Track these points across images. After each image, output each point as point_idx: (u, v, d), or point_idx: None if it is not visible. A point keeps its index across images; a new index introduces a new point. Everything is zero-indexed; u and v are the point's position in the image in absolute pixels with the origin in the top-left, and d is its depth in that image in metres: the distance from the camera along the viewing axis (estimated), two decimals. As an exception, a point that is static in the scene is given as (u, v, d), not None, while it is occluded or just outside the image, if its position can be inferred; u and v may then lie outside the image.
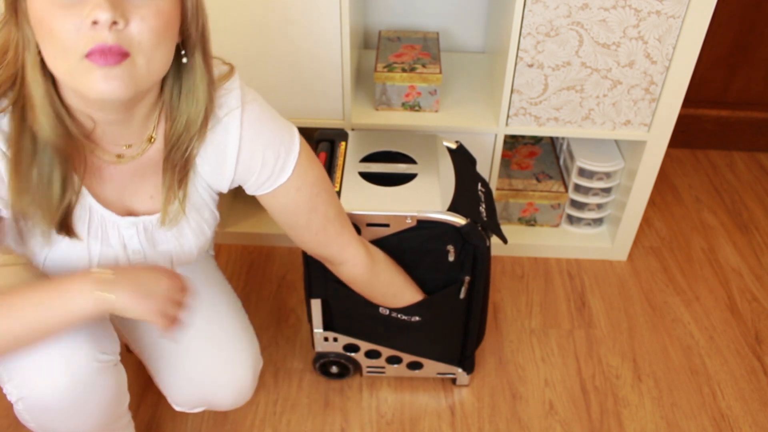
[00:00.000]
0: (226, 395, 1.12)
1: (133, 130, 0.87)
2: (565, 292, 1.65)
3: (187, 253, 1.00)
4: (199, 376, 1.11)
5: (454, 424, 1.35)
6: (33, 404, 0.89)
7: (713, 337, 1.55)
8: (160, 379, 1.14)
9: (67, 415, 0.92)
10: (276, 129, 0.93)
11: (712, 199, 1.97)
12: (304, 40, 1.40)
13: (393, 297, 1.18)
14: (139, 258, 0.96)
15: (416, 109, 1.55)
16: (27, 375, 0.88)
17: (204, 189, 0.96)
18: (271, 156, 0.92)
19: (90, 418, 0.95)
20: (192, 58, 0.83)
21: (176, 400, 1.15)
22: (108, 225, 0.92)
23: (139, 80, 0.76)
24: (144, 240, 0.95)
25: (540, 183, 1.70)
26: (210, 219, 1.01)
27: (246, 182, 0.95)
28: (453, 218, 1.12)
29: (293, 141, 0.94)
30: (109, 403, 0.98)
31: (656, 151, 1.52)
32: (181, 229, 0.96)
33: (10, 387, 0.90)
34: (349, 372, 1.39)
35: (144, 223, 0.94)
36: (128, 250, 0.95)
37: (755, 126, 2.10)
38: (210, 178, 0.95)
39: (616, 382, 1.44)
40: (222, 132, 0.89)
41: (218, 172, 0.93)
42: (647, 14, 1.32)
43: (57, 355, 0.88)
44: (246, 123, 0.90)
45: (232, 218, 1.76)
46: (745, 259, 1.76)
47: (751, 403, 1.41)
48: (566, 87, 1.44)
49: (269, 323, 1.54)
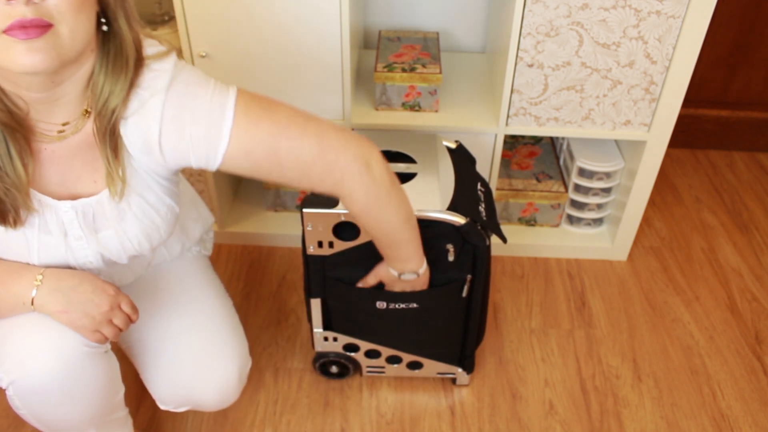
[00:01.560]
0: (210, 395, 1.10)
1: (68, 108, 0.85)
2: (565, 292, 1.65)
3: (133, 241, 0.95)
4: (183, 375, 1.08)
5: (454, 424, 1.35)
6: (24, 387, 0.90)
7: (713, 337, 1.55)
8: (145, 377, 1.13)
9: (58, 399, 0.92)
10: (202, 105, 0.87)
11: (712, 199, 1.97)
12: (304, 40, 1.40)
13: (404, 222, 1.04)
14: (82, 245, 0.92)
15: (416, 109, 1.55)
16: (17, 358, 0.89)
17: (145, 172, 0.92)
18: (199, 132, 0.87)
19: (81, 405, 0.96)
20: (115, 24, 0.83)
21: (161, 399, 1.12)
22: (46, 211, 0.89)
23: (63, 50, 0.75)
24: (84, 225, 0.91)
25: (540, 183, 1.70)
26: (158, 204, 0.95)
27: (188, 163, 0.90)
28: (452, 217, 1.12)
29: (224, 110, 0.87)
30: (101, 390, 0.98)
31: (656, 151, 1.52)
32: (122, 212, 0.92)
33: (1, 372, 0.90)
34: (349, 372, 1.39)
35: (83, 206, 0.90)
36: (69, 237, 0.91)
37: (755, 126, 2.10)
38: (145, 162, 0.90)
39: (616, 382, 1.44)
40: (146, 116, 0.86)
41: (149, 157, 0.89)
42: (647, 14, 1.32)
43: (47, 339, 0.90)
44: (167, 106, 0.86)
45: (232, 218, 1.76)
46: (745, 259, 1.76)
47: (751, 403, 1.41)
48: (566, 87, 1.44)
49: (269, 323, 1.54)
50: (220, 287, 1.22)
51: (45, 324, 0.91)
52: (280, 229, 1.74)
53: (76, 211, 0.91)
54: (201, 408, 1.13)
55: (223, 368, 1.10)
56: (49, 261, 0.92)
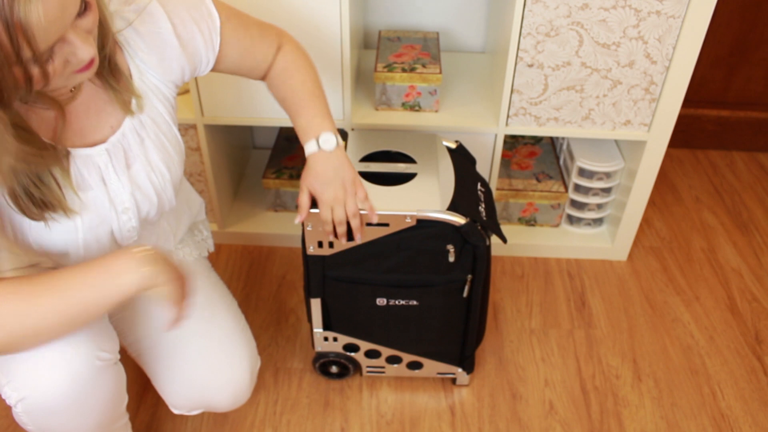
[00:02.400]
0: (224, 396, 1.12)
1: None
2: (565, 292, 1.65)
3: (157, 172, 0.98)
4: (196, 378, 1.10)
5: (454, 424, 1.35)
6: (33, 405, 0.89)
7: (713, 337, 1.55)
8: (157, 383, 1.14)
9: (68, 415, 0.92)
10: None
11: (712, 199, 1.97)
12: (304, 40, 1.39)
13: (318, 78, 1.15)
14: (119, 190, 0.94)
15: (416, 109, 1.55)
16: (27, 375, 0.88)
17: (150, 91, 0.97)
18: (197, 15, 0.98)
19: (90, 418, 0.95)
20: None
21: (174, 403, 1.14)
22: (81, 165, 0.91)
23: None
24: (117, 165, 0.93)
25: (540, 183, 1.70)
26: (167, 130, 1.00)
27: (198, 51, 0.99)
28: (453, 217, 1.12)
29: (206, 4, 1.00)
30: (109, 402, 0.98)
31: (656, 151, 1.52)
32: (142, 140, 0.96)
33: (9, 390, 0.89)
34: (349, 372, 1.39)
35: (112, 145, 0.93)
36: (108, 186, 0.93)
37: (755, 126, 2.10)
38: (160, 69, 0.96)
39: (616, 382, 1.44)
40: (149, 21, 0.93)
41: (166, 57, 0.96)
42: (647, 14, 1.32)
43: (57, 354, 0.88)
44: (169, 9, 0.95)
45: (232, 218, 1.76)
46: (745, 259, 1.76)
47: (751, 403, 1.41)
48: (566, 87, 1.44)
49: (269, 323, 1.54)
50: (224, 289, 1.23)
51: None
52: (280, 229, 1.74)
53: (108, 151, 0.93)
54: (214, 409, 1.15)
55: (235, 369, 1.11)
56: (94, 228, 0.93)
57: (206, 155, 1.55)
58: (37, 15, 0.68)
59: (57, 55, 0.74)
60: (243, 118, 1.51)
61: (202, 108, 1.49)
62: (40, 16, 0.68)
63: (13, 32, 0.67)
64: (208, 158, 1.56)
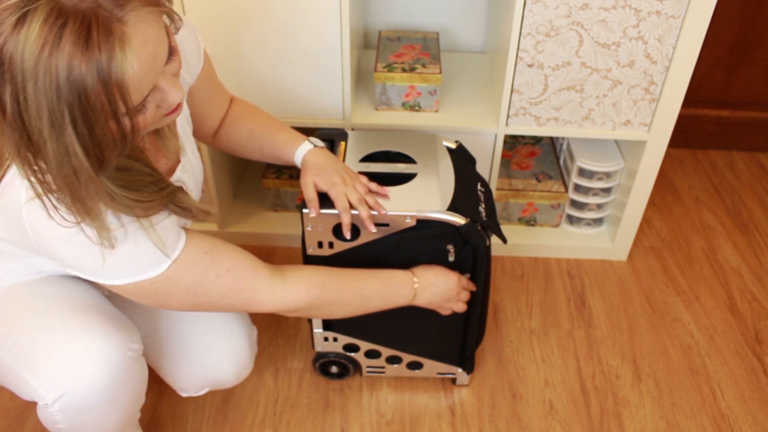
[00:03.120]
0: (228, 368, 1.15)
1: None
2: (565, 292, 1.65)
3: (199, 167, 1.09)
4: (201, 359, 1.13)
5: (454, 424, 1.35)
6: (72, 401, 0.89)
7: (713, 337, 1.55)
8: (163, 369, 1.16)
9: (103, 408, 0.93)
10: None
11: (712, 199, 1.97)
12: (304, 40, 1.40)
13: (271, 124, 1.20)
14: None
15: (416, 109, 1.54)
16: (63, 373, 0.89)
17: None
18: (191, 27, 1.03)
19: (121, 411, 0.96)
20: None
21: (182, 386, 1.17)
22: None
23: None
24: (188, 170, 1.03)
25: (540, 183, 1.70)
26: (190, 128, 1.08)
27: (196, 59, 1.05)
28: (452, 218, 1.12)
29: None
30: (138, 394, 1.00)
31: (656, 151, 1.52)
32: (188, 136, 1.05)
33: (44, 390, 0.89)
34: (349, 372, 1.39)
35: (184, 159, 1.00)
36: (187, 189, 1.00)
37: (755, 126, 2.10)
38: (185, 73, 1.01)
39: (616, 382, 1.44)
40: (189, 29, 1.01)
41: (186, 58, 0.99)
42: (647, 14, 1.32)
43: (91, 348, 0.90)
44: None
45: (232, 218, 1.76)
46: (745, 259, 1.76)
47: (751, 403, 1.41)
48: (566, 87, 1.44)
49: (269, 323, 1.54)
50: None
51: (84, 332, 0.91)
52: (280, 229, 1.74)
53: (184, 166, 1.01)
54: (220, 385, 1.19)
55: (234, 340, 1.15)
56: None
57: (206, 155, 1.55)
58: (132, 70, 0.68)
59: (150, 103, 0.75)
60: (243, 118, 1.51)
61: (202, 108, 1.49)
62: (135, 70, 0.69)
63: (110, 91, 0.67)
64: (208, 158, 1.56)
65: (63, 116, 0.66)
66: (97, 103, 0.67)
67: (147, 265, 0.85)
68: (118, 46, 0.66)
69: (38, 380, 0.90)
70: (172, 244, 0.87)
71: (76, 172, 0.70)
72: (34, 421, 1.32)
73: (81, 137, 0.68)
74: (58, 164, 0.69)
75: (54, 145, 0.68)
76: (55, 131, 0.67)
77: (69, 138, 0.68)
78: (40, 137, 0.67)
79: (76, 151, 0.69)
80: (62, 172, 0.70)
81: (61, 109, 0.66)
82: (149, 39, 0.70)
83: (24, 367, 0.91)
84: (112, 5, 0.67)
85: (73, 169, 0.70)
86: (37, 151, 0.69)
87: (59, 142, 0.68)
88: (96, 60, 0.65)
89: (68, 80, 0.65)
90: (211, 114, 1.16)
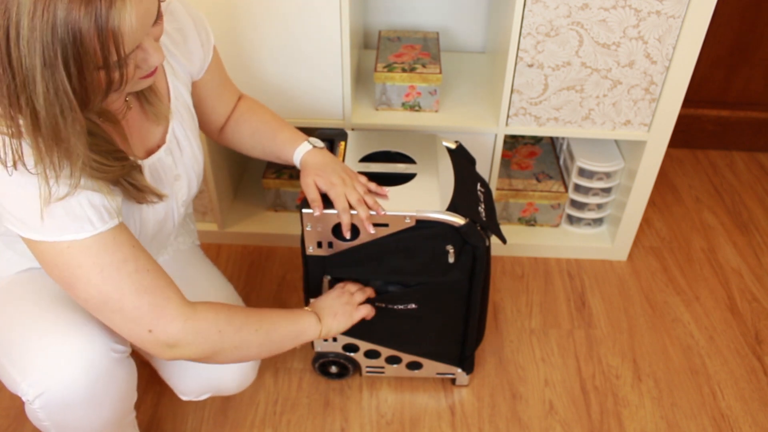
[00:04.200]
0: (230, 377, 1.15)
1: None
2: (565, 292, 1.65)
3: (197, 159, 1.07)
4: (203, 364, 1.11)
5: (454, 424, 1.35)
6: (52, 399, 0.90)
7: (713, 337, 1.55)
8: (164, 371, 1.16)
9: (84, 408, 0.93)
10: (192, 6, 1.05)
11: (712, 199, 1.96)
12: (304, 40, 1.40)
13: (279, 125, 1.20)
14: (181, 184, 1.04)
15: (416, 109, 1.54)
16: (44, 370, 0.89)
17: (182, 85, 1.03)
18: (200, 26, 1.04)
19: (105, 411, 0.96)
20: None
21: (182, 390, 1.16)
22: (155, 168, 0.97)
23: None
24: (177, 158, 1.01)
25: (540, 183, 1.70)
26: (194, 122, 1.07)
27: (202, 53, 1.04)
28: (452, 218, 1.12)
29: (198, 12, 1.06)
30: (123, 395, 0.99)
31: (656, 151, 1.52)
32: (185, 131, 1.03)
33: (26, 386, 0.90)
34: (349, 372, 1.39)
35: (169, 144, 0.99)
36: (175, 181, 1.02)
37: (755, 126, 2.10)
38: (183, 61, 1.01)
39: (616, 382, 1.44)
40: (172, 19, 0.99)
41: (188, 49, 1.02)
42: (647, 14, 1.32)
43: (73, 347, 0.90)
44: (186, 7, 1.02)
45: (232, 218, 1.76)
46: (745, 259, 1.76)
47: (751, 403, 1.41)
48: (566, 87, 1.44)
49: (269, 323, 1.54)
50: (219, 274, 1.27)
51: (67, 331, 0.91)
52: (280, 229, 1.74)
53: (170, 150, 1.00)
54: (222, 392, 1.18)
55: None
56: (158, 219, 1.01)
57: (206, 155, 1.55)
58: (130, 21, 0.70)
59: (131, 60, 0.76)
60: (243, 118, 1.51)
61: (202, 108, 1.49)
62: (132, 22, 0.71)
63: (105, 38, 0.69)
64: (208, 158, 1.56)
65: (56, 55, 0.68)
66: (90, 48, 0.69)
67: (72, 226, 0.82)
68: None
69: (21, 376, 0.90)
70: (103, 218, 0.84)
71: (63, 111, 0.72)
72: (34, 421, 1.32)
73: (71, 78, 0.70)
74: (48, 103, 0.70)
75: (44, 83, 0.69)
76: (48, 69, 0.68)
77: (60, 76, 0.69)
78: (29, 74, 0.69)
79: (67, 89, 0.70)
80: (51, 111, 0.71)
81: (55, 48, 0.67)
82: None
83: (9, 361, 0.92)
84: None
85: (60, 108, 0.71)
86: (21, 89, 0.70)
87: (51, 80, 0.69)
88: (95, 6, 0.67)
89: (65, 21, 0.67)
90: (218, 109, 1.16)
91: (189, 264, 1.23)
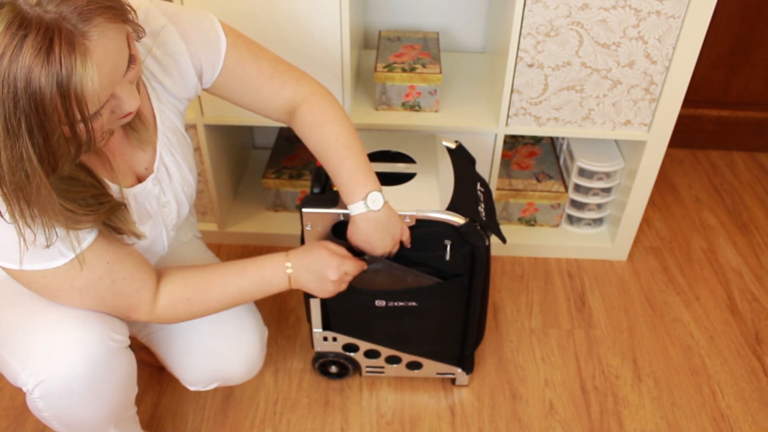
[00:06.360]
0: (237, 366, 1.15)
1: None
2: (565, 292, 1.65)
3: (187, 183, 1.06)
4: (210, 353, 1.12)
5: (454, 424, 1.35)
6: (51, 388, 0.90)
7: (713, 337, 1.55)
8: (171, 362, 1.16)
9: (84, 398, 0.93)
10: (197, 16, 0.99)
11: (712, 199, 1.96)
12: (304, 39, 1.40)
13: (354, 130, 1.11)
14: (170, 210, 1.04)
15: (416, 109, 1.55)
16: (43, 359, 0.89)
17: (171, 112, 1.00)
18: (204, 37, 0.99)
19: (104, 402, 0.96)
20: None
21: (190, 380, 1.16)
22: (140, 199, 0.97)
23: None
24: (165, 186, 1.01)
25: (540, 183, 1.70)
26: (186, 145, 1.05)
27: (204, 68, 1.00)
28: (452, 217, 1.12)
29: (207, 14, 1.01)
30: (123, 386, 0.99)
31: (656, 151, 1.52)
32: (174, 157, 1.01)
33: (26, 376, 0.90)
34: (349, 372, 1.39)
35: (157, 171, 0.98)
36: (164, 207, 1.02)
37: (755, 126, 2.10)
38: (175, 90, 0.98)
39: (616, 382, 1.44)
40: (164, 45, 0.95)
41: (181, 77, 0.98)
42: (647, 14, 1.32)
43: (72, 336, 0.90)
44: (181, 30, 0.96)
45: (232, 218, 1.77)
46: (745, 259, 1.76)
47: (751, 403, 1.41)
48: (566, 87, 1.44)
49: (269, 323, 1.54)
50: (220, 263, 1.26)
51: (64, 321, 0.91)
52: (280, 229, 1.74)
53: (158, 179, 0.99)
54: (229, 381, 1.18)
55: (245, 338, 1.15)
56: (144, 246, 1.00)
57: (206, 155, 1.55)
58: (92, 84, 0.68)
59: (105, 110, 0.75)
60: (243, 118, 1.51)
61: (202, 108, 1.49)
62: (94, 83, 0.69)
63: (68, 103, 0.68)
64: (208, 158, 1.56)
65: (19, 125, 0.67)
66: (54, 114, 0.68)
67: (43, 256, 0.83)
68: (80, 60, 0.67)
69: (21, 366, 0.91)
70: (73, 246, 0.85)
71: (28, 177, 0.71)
72: (35, 421, 1.32)
73: (36, 146, 0.69)
74: (11, 170, 0.70)
75: (8, 152, 0.68)
76: (10, 139, 0.67)
77: (24, 146, 0.68)
78: None
79: (31, 157, 0.69)
80: (14, 177, 0.70)
81: (18, 118, 0.66)
82: (110, 53, 0.71)
83: (8, 352, 0.92)
84: (76, 19, 0.67)
85: (26, 174, 0.70)
86: None
87: (14, 150, 0.68)
88: (56, 73, 0.66)
89: (26, 91, 0.65)
90: (266, 109, 1.09)
91: (189, 256, 1.23)
